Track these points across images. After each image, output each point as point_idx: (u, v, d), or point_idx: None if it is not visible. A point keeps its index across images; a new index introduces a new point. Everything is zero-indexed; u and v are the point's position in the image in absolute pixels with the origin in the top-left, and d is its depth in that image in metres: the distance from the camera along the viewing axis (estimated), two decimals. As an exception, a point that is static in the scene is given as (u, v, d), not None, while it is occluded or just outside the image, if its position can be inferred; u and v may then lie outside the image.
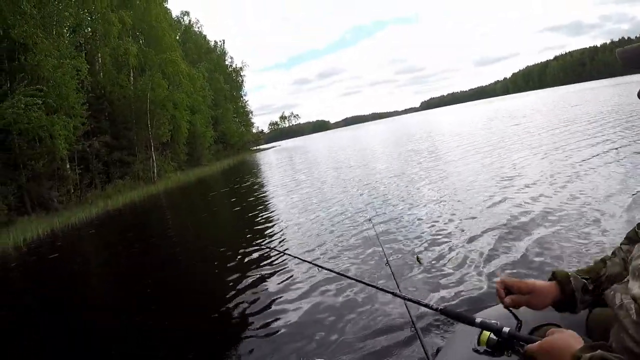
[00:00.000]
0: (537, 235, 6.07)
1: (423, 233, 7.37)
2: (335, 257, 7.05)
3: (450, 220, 7.78)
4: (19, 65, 20.62)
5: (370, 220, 8.35)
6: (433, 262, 5.86)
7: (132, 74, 35.29)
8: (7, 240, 16.01)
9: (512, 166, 12.28)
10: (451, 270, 5.46)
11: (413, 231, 7.60)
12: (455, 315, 1.74)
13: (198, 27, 65.81)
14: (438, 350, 2.25)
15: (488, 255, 5.73)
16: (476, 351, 1.59)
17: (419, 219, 8.39)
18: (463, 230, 7.01)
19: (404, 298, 2.05)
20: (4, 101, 18.40)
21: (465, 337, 1.86)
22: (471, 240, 6.46)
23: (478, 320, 1.61)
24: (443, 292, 4.88)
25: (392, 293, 2.12)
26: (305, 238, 8.80)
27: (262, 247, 8.76)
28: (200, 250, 10.18)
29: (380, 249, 5.52)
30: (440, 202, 9.58)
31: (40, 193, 22.07)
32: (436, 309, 1.79)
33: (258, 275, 6.88)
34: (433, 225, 7.70)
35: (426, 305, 1.86)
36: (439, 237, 6.97)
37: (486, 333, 1.57)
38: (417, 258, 5.92)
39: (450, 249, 6.26)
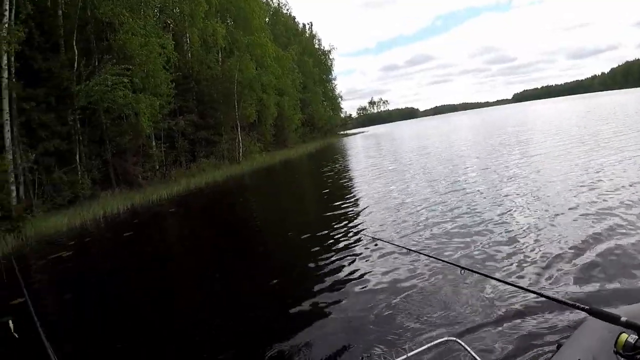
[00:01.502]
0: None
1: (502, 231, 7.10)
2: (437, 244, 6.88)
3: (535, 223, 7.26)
4: (107, 44, 21.00)
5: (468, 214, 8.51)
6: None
7: (220, 55, 35.48)
8: (88, 213, 16.27)
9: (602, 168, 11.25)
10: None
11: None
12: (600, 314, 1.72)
13: (287, 9, 65.50)
14: (559, 346, 2.21)
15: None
16: (618, 354, 1.58)
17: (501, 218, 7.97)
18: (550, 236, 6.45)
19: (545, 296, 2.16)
20: (91, 79, 18.73)
21: (593, 335, 1.94)
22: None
23: (623, 319, 1.59)
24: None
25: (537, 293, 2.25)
26: (390, 224, 8.82)
27: (347, 233, 8.64)
28: (280, 236, 10.04)
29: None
30: (525, 198, 9.22)
31: (125, 169, 22.56)
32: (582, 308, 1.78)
33: (343, 263, 6.76)
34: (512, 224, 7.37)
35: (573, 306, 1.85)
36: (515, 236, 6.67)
37: (624, 336, 1.57)
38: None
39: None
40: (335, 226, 9.33)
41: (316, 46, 74.08)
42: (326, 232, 8.87)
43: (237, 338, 4.93)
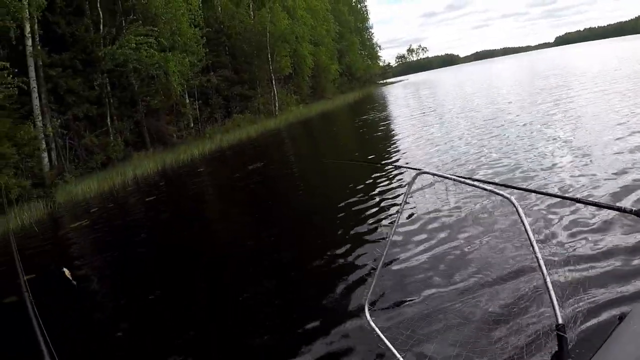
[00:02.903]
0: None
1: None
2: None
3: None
4: (131, 4, 20.50)
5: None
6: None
7: (251, 8, 34.51)
8: (118, 176, 16.20)
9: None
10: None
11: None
12: None
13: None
14: (621, 318, 1.79)
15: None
16: None
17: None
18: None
19: None
20: (116, 42, 18.39)
21: None
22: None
23: None
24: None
25: None
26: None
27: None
28: (316, 189, 9.56)
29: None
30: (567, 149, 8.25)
31: (158, 128, 22.47)
32: None
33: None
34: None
35: None
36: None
37: None
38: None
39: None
40: (372, 180, 8.85)
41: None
42: (364, 184, 8.47)
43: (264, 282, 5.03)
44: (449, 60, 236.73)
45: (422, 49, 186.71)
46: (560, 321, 1.58)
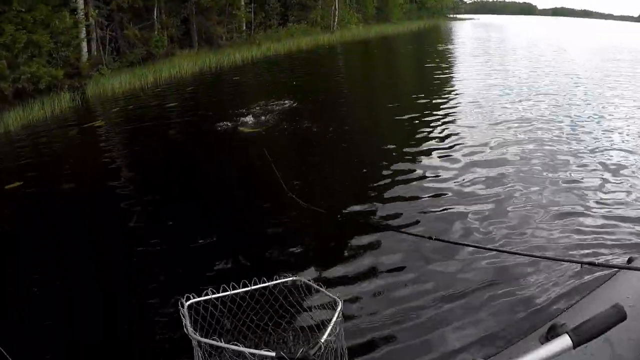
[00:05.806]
0: None
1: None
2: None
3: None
4: None
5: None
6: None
7: None
8: (151, 75, 15.20)
9: None
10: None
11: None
12: None
13: None
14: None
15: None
16: None
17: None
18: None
19: None
20: None
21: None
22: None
23: None
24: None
25: None
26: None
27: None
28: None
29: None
30: None
31: (207, 28, 21.40)
32: None
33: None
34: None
35: None
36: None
37: None
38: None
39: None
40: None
41: None
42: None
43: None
44: (525, 9, 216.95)
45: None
46: None
